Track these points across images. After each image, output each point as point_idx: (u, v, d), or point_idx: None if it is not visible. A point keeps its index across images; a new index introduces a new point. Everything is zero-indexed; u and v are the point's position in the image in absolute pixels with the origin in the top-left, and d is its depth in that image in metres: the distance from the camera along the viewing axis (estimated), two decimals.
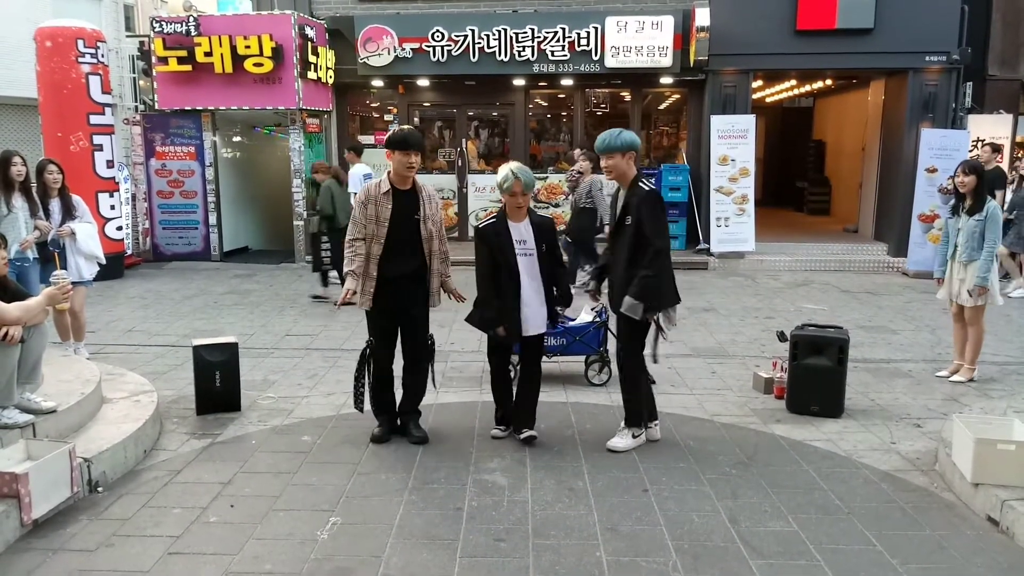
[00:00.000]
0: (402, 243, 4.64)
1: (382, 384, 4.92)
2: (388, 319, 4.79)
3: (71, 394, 4.75)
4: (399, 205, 4.63)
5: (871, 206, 13.52)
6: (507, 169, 4.60)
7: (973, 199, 6.06)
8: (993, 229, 5.95)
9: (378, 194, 4.61)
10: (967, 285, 6.05)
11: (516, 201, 4.60)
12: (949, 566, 3.53)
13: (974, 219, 6.00)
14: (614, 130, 4.65)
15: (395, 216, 4.61)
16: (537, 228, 4.70)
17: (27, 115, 12.16)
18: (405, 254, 4.66)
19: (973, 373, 6.24)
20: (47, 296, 4.37)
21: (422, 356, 4.89)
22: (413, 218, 4.65)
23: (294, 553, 3.60)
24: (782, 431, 5.17)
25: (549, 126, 14.27)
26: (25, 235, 6.07)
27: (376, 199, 4.61)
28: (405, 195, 4.67)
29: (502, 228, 4.64)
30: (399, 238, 4.63)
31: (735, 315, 8.79)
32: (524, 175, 4.58)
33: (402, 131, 4.68)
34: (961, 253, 6.08)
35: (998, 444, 4.03)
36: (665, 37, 11.95)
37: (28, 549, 3.62)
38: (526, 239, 4.66)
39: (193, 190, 12.34)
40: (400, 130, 4.71)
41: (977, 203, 6.03)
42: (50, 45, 10.25)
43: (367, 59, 12.36)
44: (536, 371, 4.98)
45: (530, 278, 4.70)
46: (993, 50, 13.48)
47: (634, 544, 3.68)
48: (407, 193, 4.68)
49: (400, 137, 4.59)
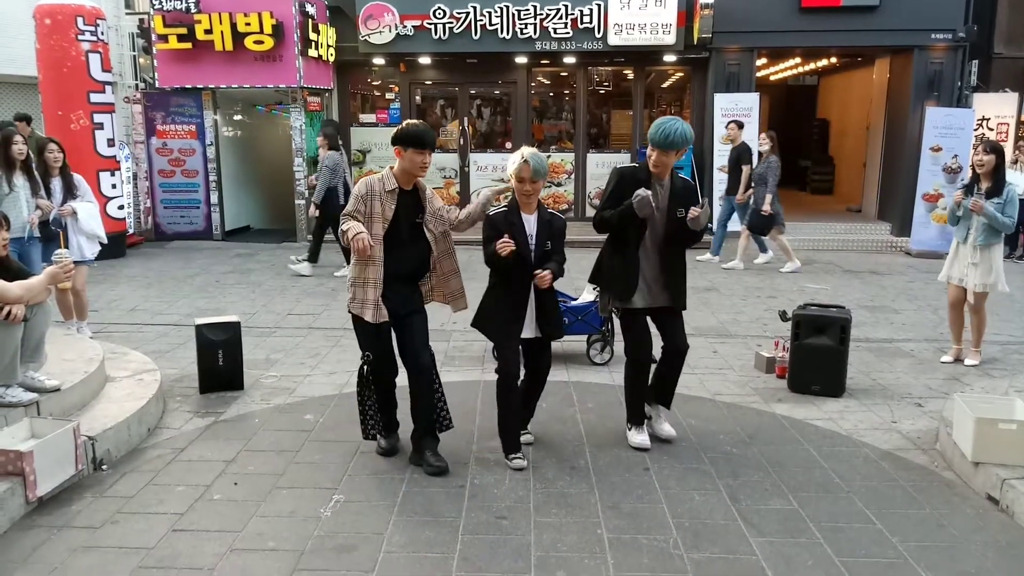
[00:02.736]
0: (402, 245, 4.19)
1: (386, 400, 4.46)
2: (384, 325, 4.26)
3: (74, 373, 4.77)
4: (403, 205, 4.18)
5: (875, 185, 13.47)
6: (519, 153, 4.22)
7: (992, 181, 5.82)
8: (1012, 212, 5.79)
9: (382, 191, 4.14)
10: (979, 277, 5.87)
11: (524, 188, 4.16)
12: (949, 544, 3.55)
13: (992, 202, 5.78)
14: (674, 121, 4.31)
15: (397, 217, 4.16)
16: (545, 225, 4.28)
17: (27, 93, 12.09)
18: (404, 257, 4.21)
19: (980, 355, 6.19)
20: (49, 275, 4.36)
21: (428, 364, 4.29)
22: (415, 220, 4.24)
23: (297, 530, 3.62)
24: (783, 410, 5.19)
25: (551, 104, 14.18)
26: (26, 214, 6.06)
27: (380, 196, 4.14)
28: (409, 195, 4.22)
29: (515, 218, 4.22)
30: (400, 240, 4.19)
31: (737, 295, 8.79)
32: (535, 160, 4.14)
33: (416, 126, 4.17)
34: (977, 236, 5.87)
35: (999, 423, 4.03)
36: (669, 14, 11.84)
37: (33, 526, 3.65)
38: (531, 234, 4.25)
39: (194, 169, 12.31)
40: (415, 125, 4.18)
41: (996, 185, 5.81)
42: (49, 23, 10.17)
43: (368, 37, 12.27)
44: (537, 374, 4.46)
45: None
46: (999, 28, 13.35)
47: (635, 522, 3.71)
48: (411, 193, 4.23)
49: (416, 133, 4.11)
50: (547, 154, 13.31)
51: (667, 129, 4.28)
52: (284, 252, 11.53)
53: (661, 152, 4.34)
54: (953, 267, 6.11)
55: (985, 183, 5.85)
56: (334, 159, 9.43)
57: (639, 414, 4.63)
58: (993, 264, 5.89)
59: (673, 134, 4.27)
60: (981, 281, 5.91)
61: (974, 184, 5.96)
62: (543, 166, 4.21)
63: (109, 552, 3.45)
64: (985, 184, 5.85)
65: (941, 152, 11.36)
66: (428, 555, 3.42)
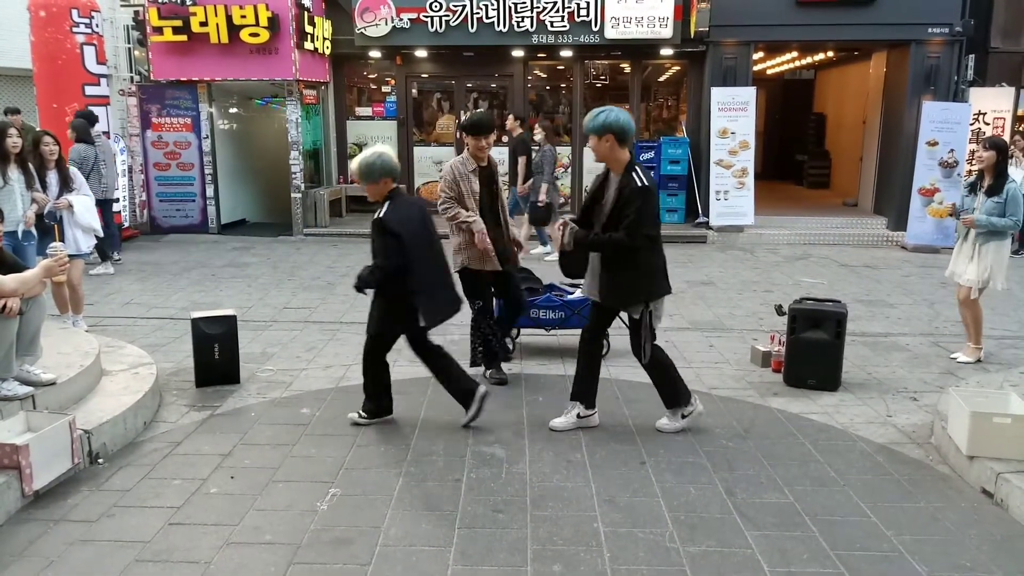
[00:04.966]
0: (485, 210, 5.32)
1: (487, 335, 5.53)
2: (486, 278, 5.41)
3: (70, 366, 4.76)
4: (482, 178, 5.32)
5: (871, 179, 13.47)
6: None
7: (992, 178, 5.75)
8: (1014, 210, 5.65)
9: (466, 171, 5.25)
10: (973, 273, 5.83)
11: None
12: (943, 537, 3.56)
13: (992, 200, 5.71)
14: (599, 109, 4.39)
15: (483, 187, 5.31)
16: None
17: (22, 86, 12.05)
18: (488, 221, 5.29)
19: (980, 353, 6.10)
20: (44, 268, 4.35)
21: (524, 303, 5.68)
22: (492, 188, 5.40)
23: (294, 524, 3.63)
24: (779, 404, 5.20)
25: (548, 98, 14.16)
26: (21, 207, 6.02)
27: (465, 175, 5.24)
28: (483, 169, 5.35)
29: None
30: (489, 206, 5.36)
31: (733, 289, 8.80)
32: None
33: (471, 117, 5.40)
34: (977, 234, 5.81)
35: (994, 417, 4.05)
36: (666, 8, 11.80)
37: (29, 520, 3.65)
38: None
39: (190, 162, 12.27)
40: (472, 114, 5.56)
41: (997, 182, 5.72)
42: (44, 15, 10.13)
43: (364, 29, 12.22)
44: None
45: None
46: (996, 22, 13.33)
47: (631, 515, 3.72)
48: (486, 168, 5.37)
49: (470, 123, 5.27)
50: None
51: (589, 116, 4.41)
52: (280, 245, 11.53)
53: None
54: (956, 264, 6.07)
55: (987, 179, 5.80)
56: (79, 152, 8.92)
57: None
58: (991, 261, 5.81)
59: (590, 120, 4.36)
60: (973, 277, 5.87)
61: (977, 182, 5.92)
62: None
63: (105, 545, 3.45)
64: (987, 181, 5.80)
65: (937, 146, 11.36)
66: (425, 548, 3.43)
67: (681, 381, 4.70)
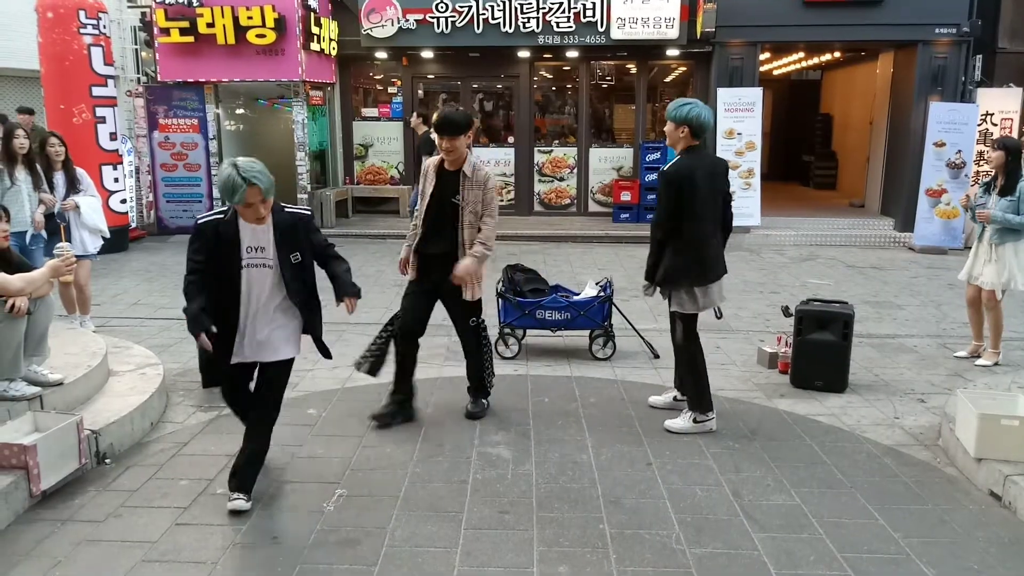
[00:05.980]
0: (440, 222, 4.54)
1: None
2: (424, 294, 4.72)
3: (78, 367, 4.78)
4: (441, 184, 4.55)
5: (878, 180, 13.43)
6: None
7: (1004, 177, 5.74)
8: None
9: (428, 169, 4.61)
10: (991, 276, 5.80)
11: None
12: (951, 540, 3.55)
13: (1006, 200, 5.68)
14: (684, 100, 4.70)
15: (435, 194, 4.55)
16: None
17: (29, 87, 12.08)
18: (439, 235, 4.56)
19: (998, 356, 6.04)
20: (50, 268, 4.37)
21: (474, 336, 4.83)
22: (451, 200, 4.51)
23: (300, 524, 3.63)
24: (786, 406, 5.18)
25: (554, 99, 14.15)
26: (28, 208, 6.04)
27: (426, 173, 4.64)
28: (451, 176, 4.53)
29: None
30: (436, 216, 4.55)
31: (739, 290, 8.77)
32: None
33: (438, 112, 4.54)
34: (992, 234, 5.78)
35: (1001, 419, 4.03)
36: (672, 8, 11.80)
37: (37, 520, 3.66)
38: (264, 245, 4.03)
39: (196, 163, 12.29)
40: (440, 110, 4.54)
41: (1009, 182, 5.70)
42: (51, 16, 10.15)
43: (370, 30, 12.24)
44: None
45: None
46: (1003, 22, 13.27)
47: (637, 517, 3.71)
48: (453, 174, 4.53)
49: (435, 119, 4.48)
50: (549, 149, 13.30)
51: (674, 104, 4.69)
52: None
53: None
54: (973, 266, 6.02)
55: (1000, 179, 5.78)
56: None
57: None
58: (1008, 263, 5.77)
59: (674, 108, 4.67)
60: (993, 279, 5.84)
61: (992, 182, 5.89)
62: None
63: (112, 546, 3.46)
64: (1000, 181, 5.79)
65: (945, 147, 11.32)
66: (431, 549, 3.43)
67: (708, 392, 4.75)
